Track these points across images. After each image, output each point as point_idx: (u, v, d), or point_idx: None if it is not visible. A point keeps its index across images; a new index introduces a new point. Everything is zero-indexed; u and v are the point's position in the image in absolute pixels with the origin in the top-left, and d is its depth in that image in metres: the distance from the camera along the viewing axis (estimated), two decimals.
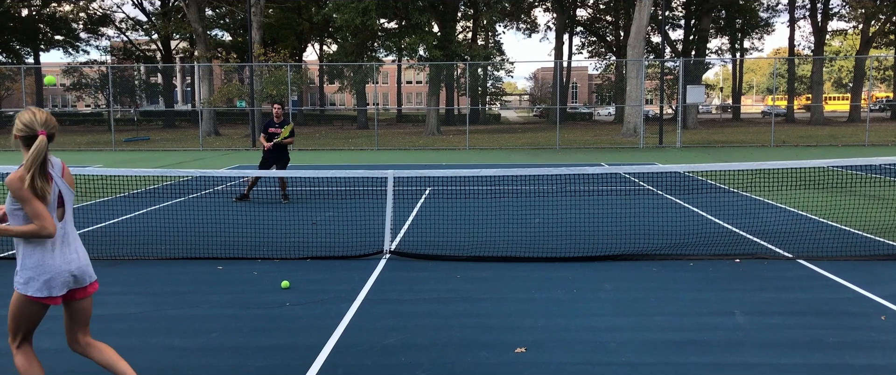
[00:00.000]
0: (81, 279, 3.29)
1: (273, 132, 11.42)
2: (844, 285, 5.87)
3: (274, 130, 11.45)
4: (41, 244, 3.14)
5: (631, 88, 28.62)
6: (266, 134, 11.47)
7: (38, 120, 3.18)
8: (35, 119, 3.18)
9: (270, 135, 11.44)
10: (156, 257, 7.16)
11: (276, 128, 11.46)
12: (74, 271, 3.23)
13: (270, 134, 11.44)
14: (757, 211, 9.82)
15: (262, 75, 30.14)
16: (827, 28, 45.86)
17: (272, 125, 11.52)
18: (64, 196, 3.25)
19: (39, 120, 3.18)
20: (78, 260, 3.25)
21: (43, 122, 3.18)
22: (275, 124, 11.50)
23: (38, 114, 3.24)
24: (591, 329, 4.83)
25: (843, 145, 25.48)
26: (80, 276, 3.27)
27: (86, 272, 3.31)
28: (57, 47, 51.48)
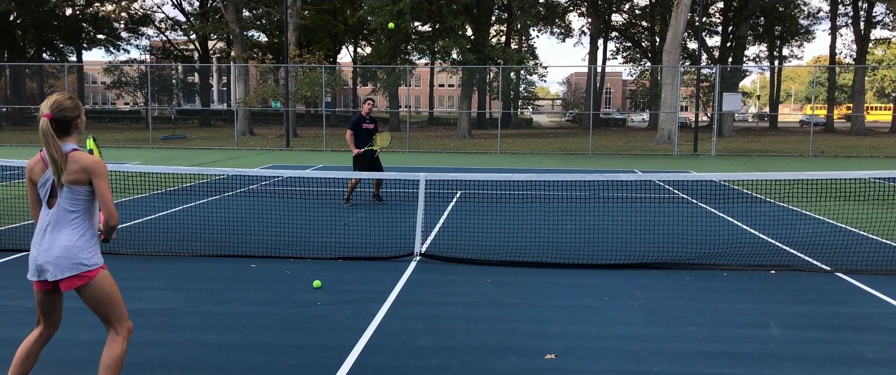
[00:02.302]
0: (43, 273, 3.21)
1: (366, 128, 10.89)
2: (885, 300, 5.73)
3: (367, 126, 10.89)
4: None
5: (666, 95, 28.29)
6: (358, 131, 10.87)
7: (45, 103, 3.21)
8: (45, 102, 3.21)
9: (364, 132, 10.89)
10: (191, 253, 7.29)
11: (368, 124, 10.92)
12: (38, 261, 3.20)
13: (364, 130, 10.89)
14: (794, 222, 9.63)
15: (296, 76, 30.48)
16: (870, 36, 44.83)
17: (364, 122, 10.88)
18: (54, 186, 3.22)
19: (46, 103, 3.20)
20: (45, 253, 3.19)
21: (49, 104, 3.19)
22: (367, 120, 10.90)
23: (51, 97, 3.25)
24: (622, 337, 4.78)
25: (884, 156, 24.85)
26: (43, 269, 3.20)
27: (48, 267, 3.18)
28: (99, 46, 52.73)
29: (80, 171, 3.19)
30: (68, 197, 3.21)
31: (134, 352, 4.37)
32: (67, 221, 3.22)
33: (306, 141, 30.88)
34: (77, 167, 3.19)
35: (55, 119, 3.19)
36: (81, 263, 3.21)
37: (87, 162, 3.20)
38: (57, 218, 3.22)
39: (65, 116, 3.22)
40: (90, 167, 3.19)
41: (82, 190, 3.22)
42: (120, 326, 3.34)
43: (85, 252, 3.22)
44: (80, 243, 3.22)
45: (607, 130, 48.10)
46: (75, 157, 3.21)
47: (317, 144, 28.52)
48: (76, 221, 3.23)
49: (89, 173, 3.19)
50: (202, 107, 54.92)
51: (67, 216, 3.22)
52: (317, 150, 26.23)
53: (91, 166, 3.20)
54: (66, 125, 3.24)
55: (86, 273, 3.21)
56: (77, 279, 3.20)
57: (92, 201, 3.27)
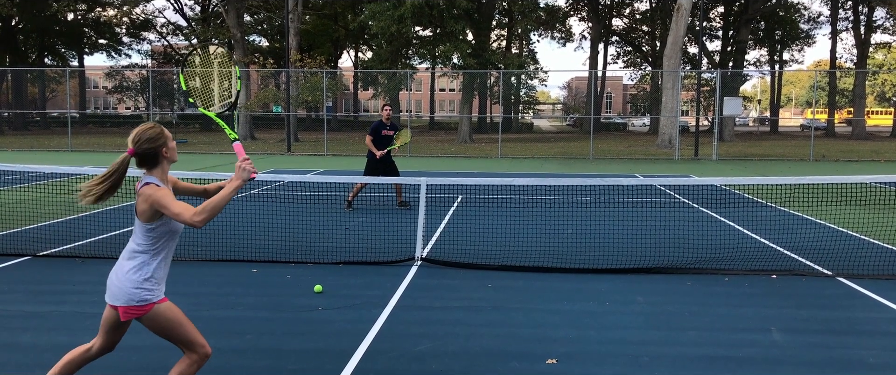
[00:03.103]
0: (106, 292, 3.22)
1: (385, 135, 10.78)
2: (887, 304, 5.73)
3: (386, 132, 10.78)
4: None
5: (666, 99, 28.31)
6: (377, 138, 10.77)
7: (130, 138, 3.14)
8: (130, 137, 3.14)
9: (383, 138, 10.78)
10: (192, 258, 7.29)
11: (387, 130, 10.80)
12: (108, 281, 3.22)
13: (383, 137, 10.78)
14: (795, 227, 9.63)
15: (298, 81, 30.53)
16: (870, 40, 44.89)
17: (383, 128, 10.77)
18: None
19: (131, 135, 3.14)
20: (110, 274, 3.21)
21: (131, 137, 3.14)
22: (386, 126, 10.78)
23: (135, 130, 3.16)
24: (624, 342, 4.78)
25: (885, 160, 24.84)
26: (107, 288, 3.22)
27: (108, 288, 3.19)
28: (100, 51, 52.86)
29: (148, 207, 3.08)
30: (137, 230, 3.17)
31: (135, 357, 4.37)
32: (132, 251, 3.16)
33: (307, 145, 30.91)
34: (145, 205, 3.08)
35: (139, 154, 3.11)
36: (133, 298, 3.13)
37: (147, 193, 3.08)
38: (129, 245, 3.19)
39: (145, 150, 3.11)
40: (152, 200, 3.05)
41: (146, 226, 3.12)
42: (191, 351, 3.28)
43: (138, 287, 3.13)
44: (135, 277, 3.13)
45: (608, 134, 48.11)
46: (145, 191, 3.09)
47: (318, 148, 28.54)
48: (139, 255, 3.15)
49: (152, 205, 3.06)
50: None
51: (132, 247, 3.17)
52: (318, 154, 26.24)
53: (148, 195, 3.06)
54: (154, 158, 3.14)
55: (138, 308, 3.14)
56: (131, 310, 3.14)
57: (159, 240, 3.16)
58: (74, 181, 13.82)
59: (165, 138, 3.17)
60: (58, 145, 29.06)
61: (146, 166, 3.16)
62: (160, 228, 3.14)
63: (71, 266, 6.88)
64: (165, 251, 3.23)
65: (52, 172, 9.67)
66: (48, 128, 46.67)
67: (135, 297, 3.13)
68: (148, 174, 3.15)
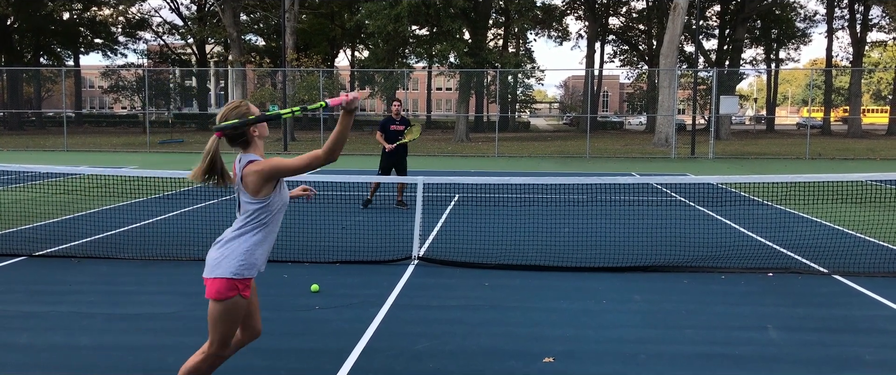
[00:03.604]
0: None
1: (394, 130, 10.71)
2: (883, 302, 5.74)
3: (396, 127, 10.70)
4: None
5: (663, 98, 28.34)
6: (386, 133, 10.70)
7: (217, 119, 3.12)
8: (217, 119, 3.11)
9: (392, 133, 10.69)
10: (189, 257, 7.28)
11: (397, 125, 10.72)
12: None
13: (392, 132, 10.68)
14: (791, 225, 9.65)
15: (294, 80, 30.50)
16: (866, 39, 44.97)
17: (393, 123, 10.69)
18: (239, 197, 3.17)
19: (217, 118, 3.12)
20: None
21: (218, 120, 3.10)
22: (395, 121, 10.70)
23: (221, 112, 3.13)
24: (621, 340, 4.79)
25: (881, 158, 24.91)
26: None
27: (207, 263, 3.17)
28: (96, 50, 52.75)
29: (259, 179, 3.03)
30: (243, 207, 3.14)
31: (133, 357, 4.37)
32: (237, 226, 3.17)
33: (304, 145, 30.87)
34: (255, 176, 3.04)
35: (226, 135, 3.08)
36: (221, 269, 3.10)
37: (254, 168, 3.04)
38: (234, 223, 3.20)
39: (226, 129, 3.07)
40: (263, 170, 3.02)
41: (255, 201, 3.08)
42: (210, 345, 3.25)
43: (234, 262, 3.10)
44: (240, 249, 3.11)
45: (605, 133, 48.16)
46: (249, 168, 3.06)
47: (314, 147, 28.48)
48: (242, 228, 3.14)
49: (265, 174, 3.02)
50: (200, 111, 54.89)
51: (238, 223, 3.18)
52: None
53: (263, 168, 3.03)
54: (242, 136, 3.10)
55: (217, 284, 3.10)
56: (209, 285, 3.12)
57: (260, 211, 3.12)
58: (70, 181, 13.79)
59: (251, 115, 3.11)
60: (54, 145, 28.99)
61: (239, 146, 3.12)
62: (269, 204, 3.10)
63: (67, 266, 6.86)
64: (271, 231, 3.19)
65: (48, 172, 9.65)
66: (44, 128, 46.53)
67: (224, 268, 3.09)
68: (245, 154, 3.12)
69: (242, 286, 3.12)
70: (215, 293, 3.09)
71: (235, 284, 3.09)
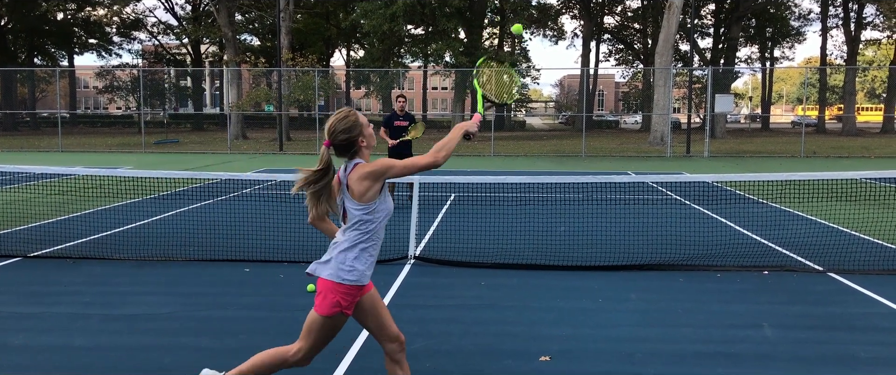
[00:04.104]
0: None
1: (398, 126, 10.68)
2: (878, 300, 5.76)
3: (399, 123, 10.70)
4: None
5: (658, 97, 28.39)
6: (390, 129, 10.68)
7: (326, 129, 3.10)
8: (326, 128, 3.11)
9: (396, 129, 10.68)
10: (184, 258, 7.27)
11: (401, 121, 10.73)
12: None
13: (396, 128, 10.69)
14: (786, 223, 9.68)
15: (289, 80, 30.45)
16: (860, 37, 45.10)
17: (397, 119, 10.66)
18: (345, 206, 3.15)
19: (326, 128, 3.10)
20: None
21: (327, 130, 3.09)
22: (399, 117, 10.68)
23: (328, 121, 3.12)
24: (617, 339, 4.80)
25: (875, 156, 25.00)
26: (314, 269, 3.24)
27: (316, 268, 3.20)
28: (90, 50, 52.58)
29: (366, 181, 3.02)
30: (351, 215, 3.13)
31: (128, 358, 4.36)
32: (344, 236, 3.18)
33: (299, 145, 30.83)
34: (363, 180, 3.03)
35: (335, 146, 3.07)
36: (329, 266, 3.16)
37: (362, 171, 3.03)
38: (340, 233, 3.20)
39: (340, 141, 3.06)
40: (374, 170, 3.02)
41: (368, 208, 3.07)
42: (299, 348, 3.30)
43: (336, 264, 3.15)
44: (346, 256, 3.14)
45: (600, 132, 48.21)
46: (357, 170, 3.05)
47: (310, 147, 28.48)
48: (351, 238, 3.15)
49: (378, 174, 3.02)
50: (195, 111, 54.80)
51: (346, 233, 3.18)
52: (310, 153, 26.19)
53: (375, 168, 3.03)
54: (350, 147, 3.09)
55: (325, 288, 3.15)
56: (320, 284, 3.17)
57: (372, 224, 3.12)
58: (65, 182, 13.75)
59: (361, 126, 3.08)
60: (48, 146, 28.90)
61: (346, 155, 3.11)
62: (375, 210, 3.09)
63: (62, 267, 6.85)
64: (376, 240, 3.18)
65: (43, 172, 9.62)
66: (38, 128, 46.38)
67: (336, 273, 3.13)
68: (351, 160, 3.10)
69: (346, 302, 3.15)
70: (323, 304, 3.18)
71: (339, 300, 3.14)
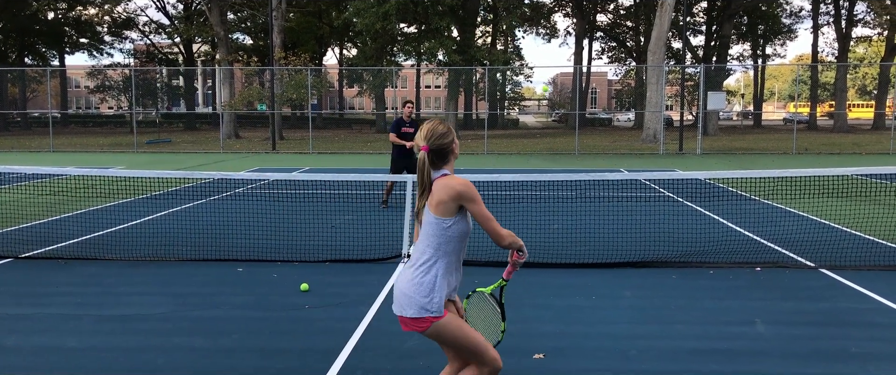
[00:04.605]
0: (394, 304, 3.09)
1: (406, 132, 10.88)
2: (869, 295, 5.80)
3: (407, 129, 10.92)
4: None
5: (651, 94, 28.46)
6: (398, 134, 10.89)
7: (420, 134, 3.05)
8: (420, 134, 3.05)
9: (404, 135, 10.90)
10: (177, 258, 7.24)
11: (408, 127, 10.94)
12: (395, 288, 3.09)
13: (404, 134, 10.90)
14: (778, 219, 9.72)
15: (282, 79, 30.38)
16: (851, 34, 45.30)
17: (404, 125, 10.91)
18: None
19: (421, 134, 3.05)
20: (398, 283, 3.06)
21: (424, 136, 3.04)
22: (406, 123, 10.94)
23: (425, 127, 3.07)
24: (611, 336, 4.81)
25: (866, 153, 25.14)
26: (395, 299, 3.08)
27: (395, 298, 3.06)
28: (82, 50, 52.30)
29: (449, 199, 2.94)
30: (427, 230, 3.01)
31: (121, 359, 4.34)
32: (420, 254, 3.02)
33: (292, 144, 30.78)
34: (444, 195, 2.95)
35: (432, 150, 3.03)
36: (414, 306, 2.98)
37: (455, 187, 2.94)
38: (416, 249, 3.07)
39: (441, 145, 3.03)
40: (460, 193, 2.93)
41: (445, 223, 2.96)
42: (483, 364, 3.10)
43: (421, 296, 2.97)
44: (420, 282, 2.97)
45: (593, 129, 48.30)
46: (442, 183, 2.98)
47: (303, 146, 28.43)
48: (428, 257, 3.00)
49: (459, 199, 2.94)
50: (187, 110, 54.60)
51: (421, 250, 3.02)
52: (303, 153, 26.14)
53: (461, 190, 2.93)
54: (443, 154, 3.05)
55: (419, 320, 2.98)
56: (412, 322, 2.99)
57: (453, 241, 3.01)
58: (56, 182, 13.68)
59: (453, 135, 3.09)
60: (39, 146, 28.75)
61: (440, 162, 3.06)
62: (455, 226, 2.99)
63: (54, 268, 6.81)
64: (456, 255, 3.06)
65: (34, 172, 9.56)
66: (29, 128, 46.13)
67: (417, 308, 2.96)
68: (439, 169, 3.06)
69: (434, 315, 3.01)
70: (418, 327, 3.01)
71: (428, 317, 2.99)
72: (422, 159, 3.01)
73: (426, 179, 3.01)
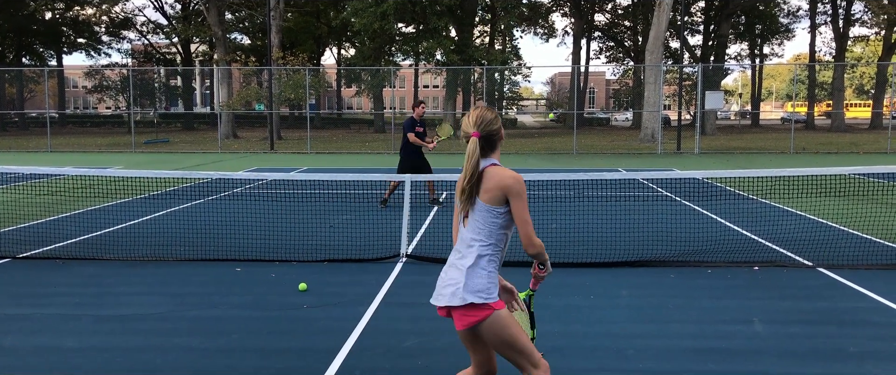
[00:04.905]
0: (438, 296, 2.94)
1: (418, 132, 10.91)
2: (866, 294, 5.81)
3: (419, 129, 10.93)
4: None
5: (649, 94, 28.48)
6: (416, 135, 10.91)
7: (469, 120, 2.97)
8: (468, 122, 2.97)
9: (419, 135, 10.91)
10: (175, 258, 7.24)
11: (419, 127, 10.96)
12: (438, 281, 2.96)
13: (417, 134, 10.90)
14: (776, 218, 9.74)
15: (280, 79, 30.36)
16: (849, 34, 45.36)
17: (416, 124, 10.95)
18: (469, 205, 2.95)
19: (470, 120, 2.97)
20: (443, 275, 2.94)
21: (474, 122, 2.95)
22: (418, 123, 10.97)
23: (473, 113, 2.99)
24: (609, 335, 4.81)
25: (864, 152, 25.17)
26: (439, 292, 2.94)
27: (441, 290, 2.92)
28: (79, 50, 52.24)
29: (496, 188, 2.87)
30: (479, 218, 2.91)
31: (120, 359, 4.34)
32: (473, 244, 2.92)
33: (291, 143, 30.76)
34: (493, 185, 2.88)
35: (483, 137, 2.94)
36: (473, 293, 2.83)
37: (505, 179, 2.88)
38: (464, 239, 2.96)
39: (491, 132, 2.96)
40: (508, 185, 2.87)
41: (494, 211, 2.89)
42: (534, 367, 2.95)
43: (479, 285, 2.85)
44: (479, 272, 2.87)
45: (591, 129, 48.33)
46: (493, 172, 2.91)
47: (301, 146, 28.42)
48: (480, 246, 2.91)
49: (506, 191, 2.87)
50: (185, 110, 54.54)
51: (471, 238, 2.93)
52: (301, 152, 26.13)
53: (509, 183, 2.87)
54: (491, 141, 2.98)
55: (476, 311, 2.83)
56: (467, 314, 2.84)
57: (501, 226, 2.93)
58: (54, 182, 13.67)
59: (500, 121, 3.04)
60: (37, 146, 28.71)
61: (489, 150, 2.99)
62: (506, 215, 2.91)
63: (52, 268, 6.81)
64: (503, 245, 2.98)
65: (32, 172, 9.56)
66: (27, 129, 46.06)
67: (476, 297, 2.83)
68: (487, 157, 3.00)
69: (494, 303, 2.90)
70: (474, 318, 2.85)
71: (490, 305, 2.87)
72: (473, 146, 2.93)
73: (476, 166, 2.92)
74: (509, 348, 2.89)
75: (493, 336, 2.87)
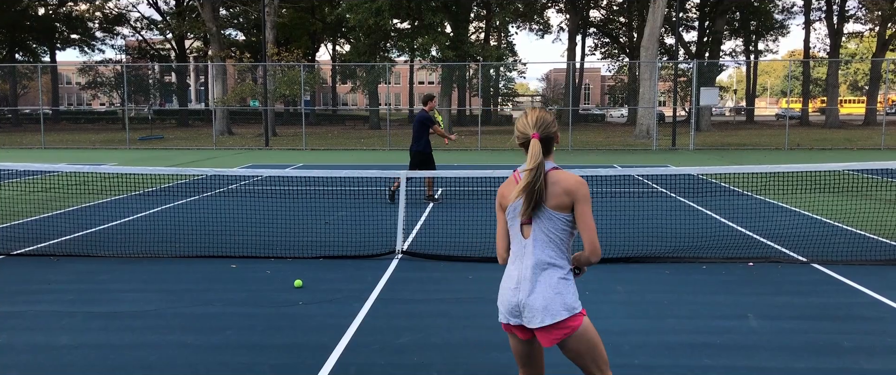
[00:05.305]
0: (518, 315, 2.79)
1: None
2: (859, 289, 5.83)
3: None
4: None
5: (644, 90, 28.51)
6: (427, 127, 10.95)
7: (526, 121, 2.85)
8: (527, 123, 2.84)
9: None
10: (170, 255, 7.22)
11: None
12: (512, 302, 2.80)
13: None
14: (770, 214, 9.76)
15: (275, 75, 30.29)
16: (843, 30, 45.48)
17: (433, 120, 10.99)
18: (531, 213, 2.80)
19: (529, 121, 2.84)
20: (523, 293, 2.77)
21: (534, 123, 2.82)
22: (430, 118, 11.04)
23: (532, 114, 2.87)
24: (604, 331, 4.81)
25: (858, 148, 25.26)
26: (518, 311, 2.79)
27: (528, 312, 2.75)
28: (73, 46, 52.04)
29: (563, 194, 2.74)
30: (548, 226, 2.77)
31: (114, 356, 4.33)
32: (547, 255, 2.78)
33: (285, 140, 30.70)
34: (559, 189, 2.75)
35: (543, 139, 2.81)
36: (567, 308, 2.73)
37: (570, 183, 2.76)
38: (535, 252, 2.78)
39: (549, 133, 2.84)
40: (573, 189, 2.74)
41: (563, 217, 2.77)
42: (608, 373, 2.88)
43: (569, 295, 2.75)
44: (564, 284, 2.76)
45: (586, 125, 48.38)
46: (556, 177, 2.78)
47: (296, 143, 28.36)
48: (557, 256, 2.79)
49: (572, 196, 2.74)
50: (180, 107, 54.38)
51: (547, 250, 2.78)
52: (296, 149, 26.08)
53: (574, 187, 2.75)
54: (549, 143, 2.85)
55: (570, 322, 2.73)
56: (559, 329, 2.73)
57: (570, 233, 2.83)
58: (48, 179, 13.61)
59: (557, 124, 2.92)
60: (30, 143, 28.59)
61: (547, 152, 2.85)
62: (572, 221, 2.80)
63: (46, 265, 6.78)
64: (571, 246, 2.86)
65: (26, 169, 9.52)
66: (20, 125, 45.86)
67: (570, 308, 2.73)
68: (546, 160, 2.87)
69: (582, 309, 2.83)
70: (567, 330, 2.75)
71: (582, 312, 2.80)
72: (536, 148, 2.79)
73: (540, 170, 2.77)
74: (591, 352, 2.81)
75: (583, 343, 2.78)
